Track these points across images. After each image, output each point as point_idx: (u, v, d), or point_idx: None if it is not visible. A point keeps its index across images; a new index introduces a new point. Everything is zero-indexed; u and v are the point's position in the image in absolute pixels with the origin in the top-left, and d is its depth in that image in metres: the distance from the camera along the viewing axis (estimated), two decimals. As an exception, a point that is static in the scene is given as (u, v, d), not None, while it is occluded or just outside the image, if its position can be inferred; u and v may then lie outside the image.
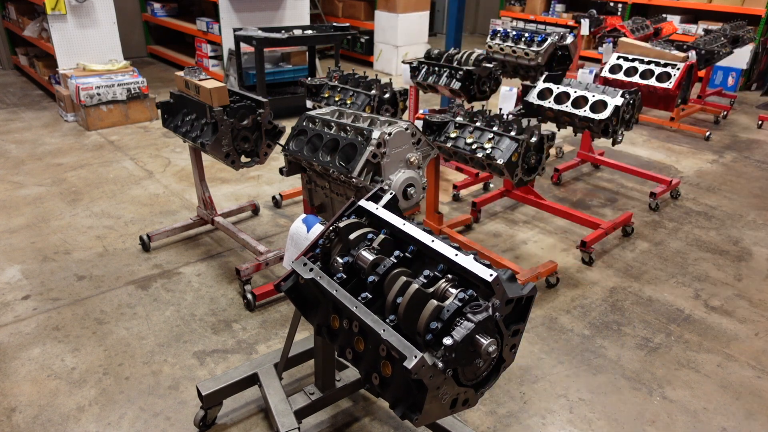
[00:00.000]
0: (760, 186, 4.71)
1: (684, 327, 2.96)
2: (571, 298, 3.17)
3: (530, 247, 3.70)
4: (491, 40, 4.67)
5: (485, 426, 2.32)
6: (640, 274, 3.41)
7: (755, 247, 3.76)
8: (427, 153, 2.51)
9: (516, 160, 2.81)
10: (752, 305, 3.16)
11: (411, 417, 1.37)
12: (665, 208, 4.28)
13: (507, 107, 4.10)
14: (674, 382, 2.58)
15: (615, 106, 3.22)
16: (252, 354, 2.67)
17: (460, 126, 3.07)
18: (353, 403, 2.40)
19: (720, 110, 6.29)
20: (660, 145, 5.60)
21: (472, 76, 3.74)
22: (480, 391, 1.46)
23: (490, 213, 4.13)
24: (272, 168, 4.71)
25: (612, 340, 2.84)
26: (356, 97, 3.46)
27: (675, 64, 4.32)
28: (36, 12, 6.83)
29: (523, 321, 1.46)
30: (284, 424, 1.98)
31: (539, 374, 2.60)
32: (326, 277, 1.60)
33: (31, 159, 4.88)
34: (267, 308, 2.99)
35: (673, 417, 2.39)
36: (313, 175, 2.70)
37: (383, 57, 8.34)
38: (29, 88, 7.09)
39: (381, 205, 1.72)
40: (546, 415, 2.39)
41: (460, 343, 1.28)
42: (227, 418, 2.31)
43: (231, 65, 6.50)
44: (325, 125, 2.62)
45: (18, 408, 2.34)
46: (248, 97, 3.08)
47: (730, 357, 2.75)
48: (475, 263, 1.42)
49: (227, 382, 2.20)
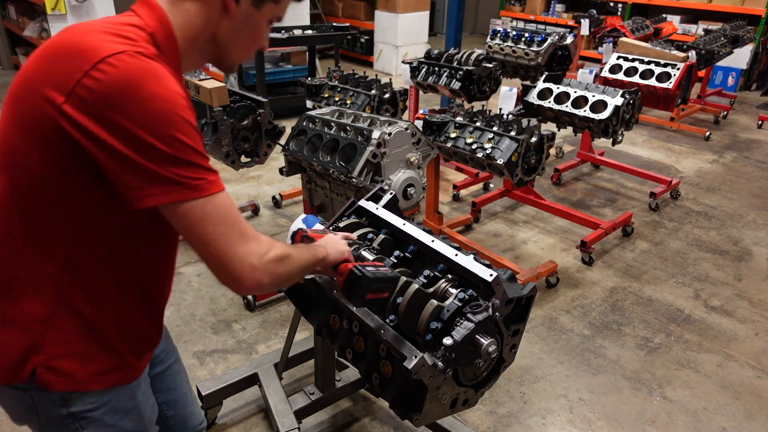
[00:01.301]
0: (760, 186, 4.71)
1: (684, 327, 2.96)
2: (571, 298, 3.17)
3: (530, 247, 3.70)
4: (491, 40, 4.67)
5: (485, 426, 2.32)
6: (640, 274, 3.41)
7: (755, 247, 3.76)
8: (427, 153, 2.51)
9: (516, 160, 2.81)
10: (752, 305, 3.16)
11: (411, 417, 1.37)
12: (665, 208, 4.28)
13: (507, 107, 4.10)
14: (674, 382, 2.58)
15: (615, 106, 3.22)
16: (252, 354, 2.67)
17: (460, 126, 3.07)
18: (353, 403, 2.40)
19: (720, 110, 6.29)
20: (660, 145, 5.60)
21: (472, 76, 3.74)
22: (480, 391, 1.46)
23: (490, 213, 4.13)
24: (272, 168, 4.71)
25: (612, 340, 2.84)
26: (356, 97, 3.46)
27: (675, 64, 4.32)
28: (36, 12, 6.82)
29: (523, 321, 1.46)
30: (284, 424, 1.98)
31: (539, 374, 2.60)
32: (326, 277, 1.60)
33: (31, 159, 4.88)
34: (267, 308, 2.99)
35: (673, 417, 2.39)
36: (313, 175, 2.70)
37: (383, 57, 8.34)
38: (29, 88, 7.08)
39: (381, 205, 1.72)
40: (546, 415, 2.38)
41: (460, 343, 1.28)
42: (227, 418, 2.31)
43: (231, 65, 6.49)
44: (325, 125, 2.62)
45: (18, 408, 2.34)
46: (248, 97, 3.07)
47: (730, 357, 2.75)
48: (475, 263, 1.42)
49: (227, 382, 2.20)
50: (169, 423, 1.46)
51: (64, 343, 1.06)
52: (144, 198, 0.95)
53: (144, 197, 0.94)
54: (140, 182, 0.93)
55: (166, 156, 0.93)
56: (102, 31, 0.97)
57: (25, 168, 0.99)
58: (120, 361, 1.14)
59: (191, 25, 1.07)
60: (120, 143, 0.91)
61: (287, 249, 1.12)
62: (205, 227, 0.98)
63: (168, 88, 0.94)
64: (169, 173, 0.93)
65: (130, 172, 0.93)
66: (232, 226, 1.00)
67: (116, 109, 0.90)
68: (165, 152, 0.92)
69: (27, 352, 1.04)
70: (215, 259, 1.00)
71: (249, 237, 1.03)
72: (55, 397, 1.08)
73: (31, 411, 1.11)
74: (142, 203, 0.95)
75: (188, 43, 1.07)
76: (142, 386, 1.22)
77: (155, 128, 0.91)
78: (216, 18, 1.08)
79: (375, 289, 1.28)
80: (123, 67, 0.91)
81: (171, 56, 1.04)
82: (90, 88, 0.90)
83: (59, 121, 0.92)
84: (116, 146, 0.91)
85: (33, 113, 0.95)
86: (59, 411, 1.10)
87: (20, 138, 0.98)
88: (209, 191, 0.98)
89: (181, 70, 1.09)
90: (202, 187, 0.97)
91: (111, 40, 0.94)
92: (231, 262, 1.00)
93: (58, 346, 1.06)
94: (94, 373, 1.10)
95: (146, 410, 1.24)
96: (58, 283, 1.04)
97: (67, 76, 0.91)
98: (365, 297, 1.27)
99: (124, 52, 0.92)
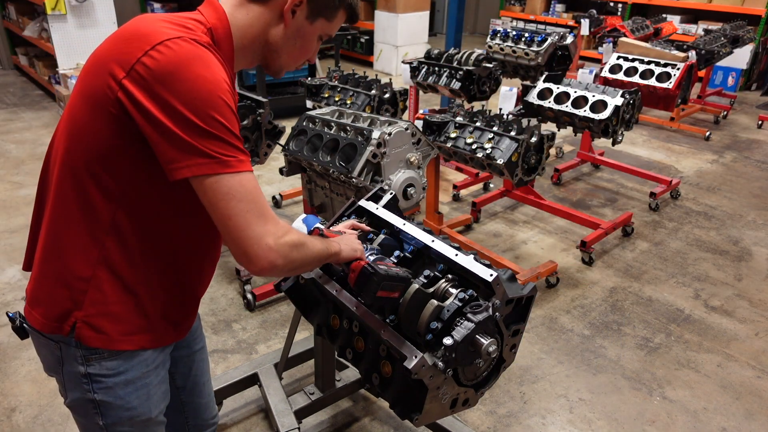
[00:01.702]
0: (760, 186, 4.71)
1: (684, 327, 2.96)
2: (571, 298, 3.17)
3: (530, 247, 3.70)
4: (491, 40, 4.67)
5: (485, 426, 2.32)
6: (640, 274, 3.41)
7: (755, 247, 3.76)
8: (427, 153, 2.51)
9: (516, 160, 2.81)
10: (752, 305, 3.16)
11: (411, 417, 1.37)
12: (665, 208, 4.28)
13: (507, 107, 4.10)
14: (674, 382, 2.58)
15: (615, 106, 3.22)
16: (252, 354, 2.67)
17: (460, 126, 3.07)
18: (353, 403, 2.40)
19: (720, 110, 6.29)
20: (660, 145, 5.60)
21: (472, 76, 3.74)
22: (480, 391, 1.46)
23: (490, 213, 4.13)
24: (272, 168, 4.71)
25: (612, 340, 2.84)
26: (356, 97, 3.46)
27: (675, 64, 4.32)
28: (36, 12, 6.82)
29: (523, 321, 1.46)
30: (284, 424, 1.98)
31: (539, 374, 2.60)
32: (326, 277, 1.60)
33: (31, 159, 4.88)
34: (267, 308, 2.99)
35: (673, 417, 2.39)
36: (313, 175, 2.70)
37: (383, 57, 8.34)
38: (29, 88, 7.09)
39: (381, 205, 1.72)
40: (546, 415, 2.39)
41: (460, 343, 1.28)
42: (227, 418, 2.31)
43: (231, 65, 6.49)
44: (325, 125, 2.62)
45: (18, 408, 2.34)
46: (248, 97, 3.07)
47: (730, 357, 2.75)
48: (475, 263, 1.42)
49: (227, 382, 2.20)
50: (183, 409, 1.52)
51: (102, 303, 1.14)
52: (179, 170, 1.03)
53: (179, 169, 1.03)
54: (177, 154, 1.02)
55: (202, 131, 1.01)
56: (166, 20, 1.10)
57: (85, 136, 1.09)
58: (149, 323, 1.21)
59: (248, 26, 1.19)
60: (164, 116, 1.00)
61: (303, 237, 1.18)
62: (228, 202, 1.04)
63: (213, 73, 1.04)
64: (203, 147, 1.02)
65: (169, 143, 1.02)
66: (254, 205, 1.06)
67: (165, 86, 1.00)
68: (202, 128, 1.01)
69: (70, 306, 1.14)
70: (233, 235, 1.06)
71: (268, 218, 1.08)
72: (78, 354, 1.16)
73: (58, 363, 1.20)
74: (177, 174, 1.03)
75: (243, 42, 1.19)
76: (158, 369, 1.27)
77: (196, 106, 1.01)
78: (272, 24, 1.20)
79: (386, 287, 1.30)
80: (177, 49, 1.02)
81: (225, 50, 1.16)
82: (147, 65, 1.01)
83: (118, 94, 1.03)
84: (160, 118, 1.00)
85: (98, 84, 1.06)
86: (78, 368, 1.18)
87: (86, 108, 1.08)
88: (237, 168, 1.05)
89: (234, 65, 1.20)
90: (231, 164, 1.04)
91: (172, 28, 1.07)
92: (248, 238, 1.06)
93: (97, 305, 1.14)
94: (126, 333, 1.18)
95: (155, 393, 1.28)
96: (101, 246, 1.12)
97: (130, 55, 1.03)
98: (375, 294, 1.29)
99: (181, 37, 1.04)
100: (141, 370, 1.22)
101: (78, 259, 1.13)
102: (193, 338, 1.49)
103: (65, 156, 1.12)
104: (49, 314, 1.15)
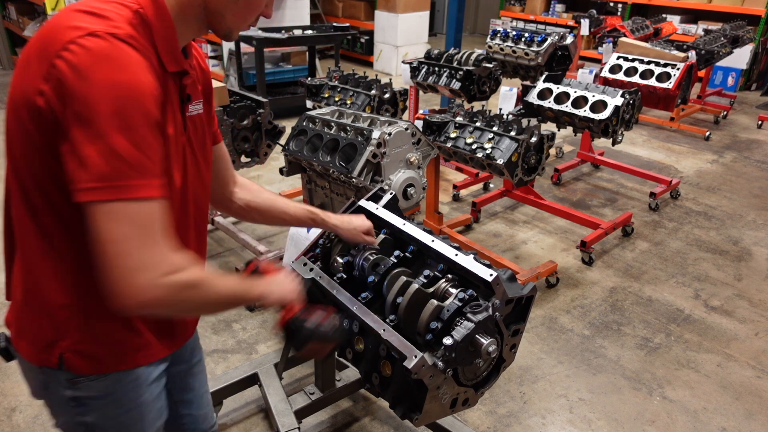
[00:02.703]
0: (760, 186, 4.71)
1: (684, 327, 2.96)
2: (571, 298, 3.17)
3: (530, 247, 3.70)
4: (491, 40, 4.67)
5: (485, 426, 2.32)
6: (640, 274, 3.41)
7: (755, 247, 3.76)
8: (427, 153, 2.51)
9: (516, 160, 2.81)
10: (752, 305, 3.16)
11: (411, 417, 1.37)
12: (665, 208, 4.28)
13: (507, 107, 4.10)
14: (674, 382, 2.58)
15: (615, 106, 3.22)
16: (252, 354, 2.67)
17: (460, 126, 3.07)
18: (353, 403, 2.40)
19: (720, 110, 6.29)
20: (660, 145, 5.60)
21: (472, 76, 3.75)
22: (480, 390, 1.46)
23: (490, 213, 4.13)
24: (272, 168, 4.71)
25: (612, 340, 2.84)
26: (356, 97, 3.46)
27: (675, 64, 4.32)
28: (36, 12, 6.83)
29: (523, 321, 1.46)
30: (284, 424, 1.98)
31: (539, 374, 2.60)
32: (326, 277, 1.60)
33: (31, 159, 4.88)
34: (267, 308, 2.99)
35: (673, 417, 2.39)
36: (313, 175, 2.70)
37: (383, 57, 8.34)
38: (29, 88, 7.09)
39: (381, 205, 1.72)
40: (546, 415, 2.39)
41: (460, 343, 1.28)
42: (227, 418, 2.31)
43: (231, 65, 6.50)
44: (325, 125, 2.62)
45: (18, 408, 2.34)
46: (248, 97, 3.08)
47: (730, 357, 2.75)
48: (475, 263, 1.42)
49: (227, 382, 2.20)
50: (181, 422, 1.46)
51: (86, 328, 1.07)
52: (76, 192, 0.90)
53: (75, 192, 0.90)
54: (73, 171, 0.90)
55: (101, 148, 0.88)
56: (82, 10, 0.95)
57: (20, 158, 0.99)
58: (141, 339, 1.14)
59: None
60: (70, 126, 0.89)
61: (202, 276, 1.02)
62: (109, 223, 0.90)
63: (128, 76, 0.90)
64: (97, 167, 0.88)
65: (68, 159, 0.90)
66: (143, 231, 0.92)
67: (73, 93, 0.88)
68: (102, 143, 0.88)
69: (54, 336, 1.07)
70: (104, 262, 0.91)
71: (156, 249, 0.93)
72: (62, 378, 1.10)
73: (43, 388, 1.14)
74: (76, 197, 0.90)
75: (181, 11, 1.04)
76: (152, 386, 1.21)
77: (100, 116, 0.88)
78: None
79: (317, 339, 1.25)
80: (88, 48, 0.89)
81: (161, 28, 1.00)
82: (59, 69, 0.89)
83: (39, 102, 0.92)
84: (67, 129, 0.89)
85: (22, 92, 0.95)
86: (64, 392, 1.11)
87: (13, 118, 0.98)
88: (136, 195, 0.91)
89: (178, 41, 1.05)
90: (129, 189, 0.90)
91: (86, 20, 0.92)
92: (118, 269, 0.91)
93: (82, 331, 1.07)
94: (117, 353, 1.12)
95: (150, 412, 1.22)
96: (74, 270, 1.04)
97: (43, 59, 0.91)
98: (304, 347, 1.26)
99: (94, 33, 0.90)
100: (134, 389, 1.16)
101: (53, 288, 1.04)
102: (190, 352, 1.41)
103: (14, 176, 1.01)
104: (36, 344, 1.09)
